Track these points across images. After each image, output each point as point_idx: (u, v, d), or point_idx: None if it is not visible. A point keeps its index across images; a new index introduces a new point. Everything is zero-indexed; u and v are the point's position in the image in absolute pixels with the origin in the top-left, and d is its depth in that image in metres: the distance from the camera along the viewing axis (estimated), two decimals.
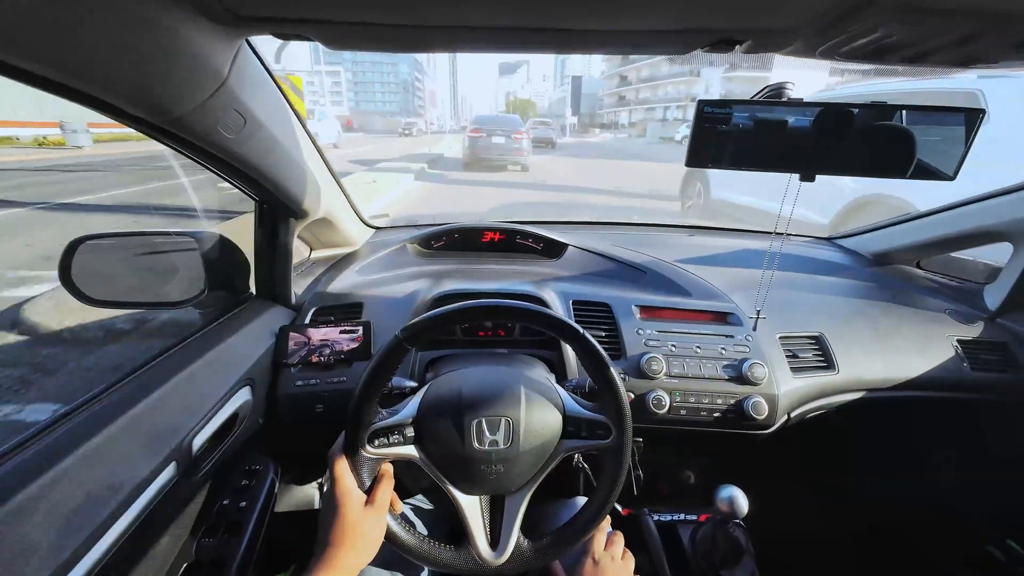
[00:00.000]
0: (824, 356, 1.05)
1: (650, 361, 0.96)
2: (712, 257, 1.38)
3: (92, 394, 0.64)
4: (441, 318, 0.62)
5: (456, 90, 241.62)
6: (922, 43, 0.45)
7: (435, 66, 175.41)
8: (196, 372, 0.75)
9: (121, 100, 0.51)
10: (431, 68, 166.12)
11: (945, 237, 1.27)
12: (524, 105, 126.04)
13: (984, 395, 1.07)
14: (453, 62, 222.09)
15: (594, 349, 0.64)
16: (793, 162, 0.75)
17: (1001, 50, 0.48)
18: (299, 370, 0.95)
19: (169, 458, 0.63)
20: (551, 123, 23.53)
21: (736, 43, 0.45)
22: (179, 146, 0.64)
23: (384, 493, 0.62)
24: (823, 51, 0.46)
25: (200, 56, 0.53)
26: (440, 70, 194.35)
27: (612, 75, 77.04)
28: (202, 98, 0.56)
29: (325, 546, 0.56)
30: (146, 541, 0.65)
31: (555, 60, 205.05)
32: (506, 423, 0.64)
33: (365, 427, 0.62)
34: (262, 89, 0.71)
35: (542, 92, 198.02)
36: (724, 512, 0.84)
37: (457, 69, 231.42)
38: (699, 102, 0.70)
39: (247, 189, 0.85)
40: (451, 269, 1.28)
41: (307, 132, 0.92)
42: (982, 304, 1.20)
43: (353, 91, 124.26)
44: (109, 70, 0.47)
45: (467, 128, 12.01)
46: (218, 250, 0.95)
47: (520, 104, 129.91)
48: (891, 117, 0.71)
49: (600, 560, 0.68)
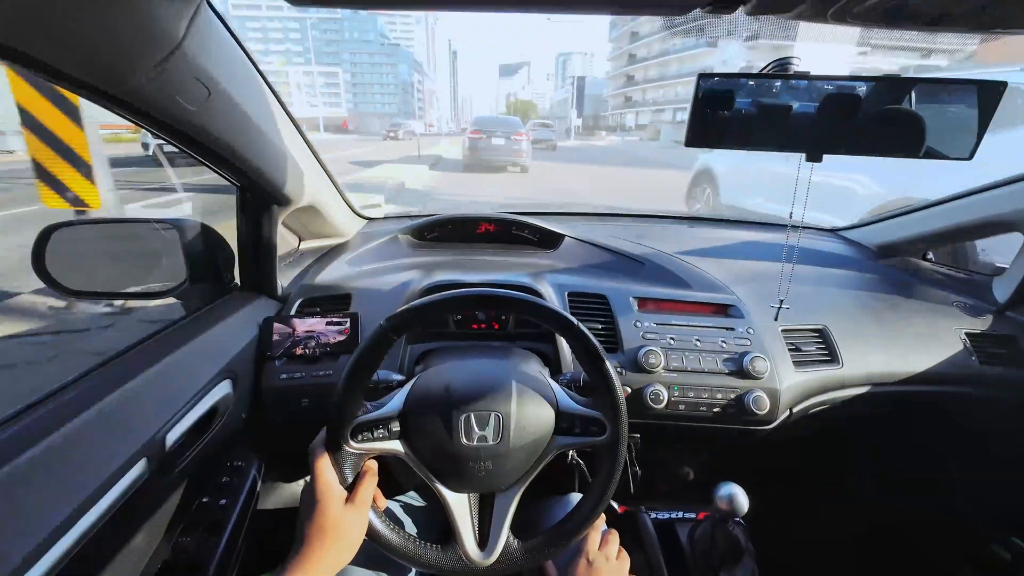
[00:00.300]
0: (828, 349, 1.02)
1: (648, 354, 0.93)
2: (713, 249, 1.35)
3: (58, 386, 0.61)
4: (429, 307, 0.59)
5: (456, 91, 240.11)
6: (943, 3, 0.42)
7: (435, 67, 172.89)
8: (172, 364, 0.72)
9: (69, 65, 0.48)
10: (431, 69, 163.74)
11: (952, 228, 1.23)
12: (525, 106, 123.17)
13: (992, 390, 1.04)
14: (454, 62, 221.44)
15: (588, 341, 0.61)
16: (799, 142, 0.71)
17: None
18: (283, 363, 0.92)
19: (140, 454, 0.60)
20: (552, 124, 23.43)
21: (739, 2, 0.42)
22: (141, 120, 0.60)
23: (366, 490, 0.59)
24: (834, 13, 0.43)
25: (150, 14, 0.49)
26: (440, 71, 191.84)
27: (617, 75, 74.39)
28: (154, 61, 0.52)
29: (302, 544, 0.54)
30: (115, 540, 0.62)
31: (557, 61, 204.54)
32: (496, 418, 0.61)
33: (348, 421, 0.59)
34: (228, 57, 0.67)
35: (543, 93, 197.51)
36: (723, 510, 0.82)
37: (457, 70, 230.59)
38: (699, 77, 0.66)
39: (225, 173, 0.81)
40: (444, 260, 1.25)
41: (288, 114, 0.88)
42: (991, 297, 1.17)
43: (352, 92, 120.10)
44: (51, 28, 0.43)
45: (467, 129, 12.36)
46: (200, 239, 0.92)
47: (521, 105, 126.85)
48: (903, 93, 0.67)
49: (594, 560, 0.66)
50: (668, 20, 4.44)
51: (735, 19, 0.47)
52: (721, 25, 6.93)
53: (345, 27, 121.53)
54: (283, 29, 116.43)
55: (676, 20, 1.31)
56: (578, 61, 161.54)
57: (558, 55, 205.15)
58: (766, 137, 0.72)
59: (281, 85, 10.81)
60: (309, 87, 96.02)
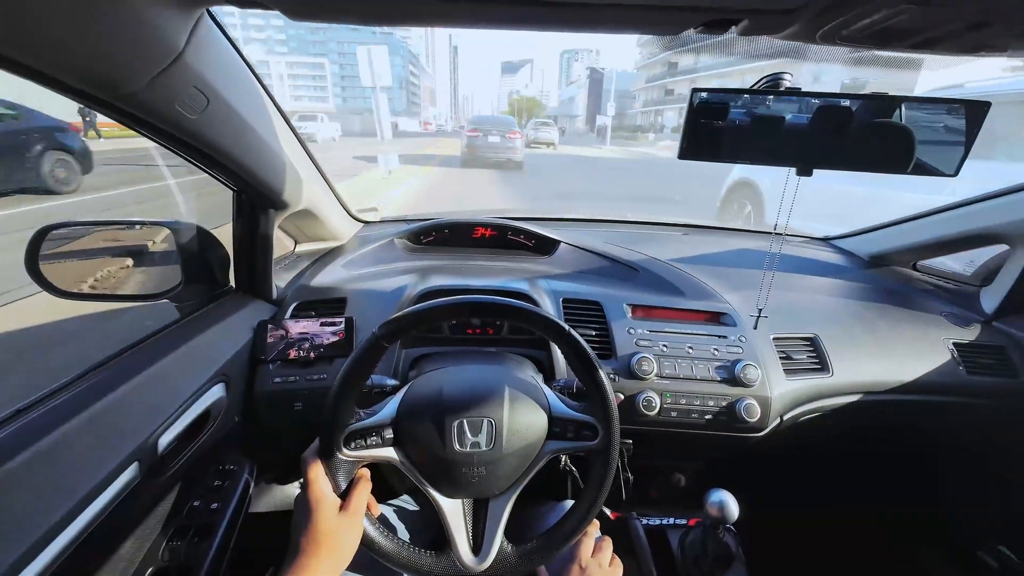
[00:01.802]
0: (818, 358, 1.03)
1: (641, 361, 0.94)
2: (707, 256, 1.36)
3: (50, 390, 0.61)
4: (422, 315, 0.60)
5: (457, 89, 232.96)
6: (929, 28, 0.43)
7: (434, 64, 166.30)
8: (165, 368, 0.72)
9: (64, 72, 0.48)
10: (430, 65, 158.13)
11: (942, 239, 1.25)
12: (530, 104, 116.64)
13: (980, 400, 1.06)
14: (454, 58, 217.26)
15: (581, 348, 0.62)
16: (789, 156, 0.72)
17: (1011, 38, 0.46)
18: (278, 367, 0.92)
19: (132, 458, 0.60)
20: (552, 123, 23.14)
21: (731, 23, 0.43)
22: (136, 125, 0.60)
23: (360, 498, 0.59)
24: (824, 34, 0.44)
25: (151, 25, 0.50)
26: (440, 68, 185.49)
27: (651, 64, 59.27)
28: (154, 72, 0.52)
29: (296, 554, 0.54)
30: (106, 544, 0.62)
31: (561, 58, 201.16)
32: (488, 424, 0.61)
33: (341, 428, 0.59)
34: (227, 67, 0.67)
35: (547, 91, 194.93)
36: (714, 517, 0.82)
37: (458, 66, 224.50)
38: (692, 91, 0.68)
39: (222, 177, 0.81)
40: (440, 265, 1.26)
41: (286, 120, 0.88)
42: (979, 307, 1.19)
43: (340, 85, 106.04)
44: (48, 38, 0.44)
45: (464, 128, 13.25)
46: (196, 241, 0.92)
47: (525, 103, 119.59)
48: (892, 110, 0.69)
49: (587, 566, 0.66)
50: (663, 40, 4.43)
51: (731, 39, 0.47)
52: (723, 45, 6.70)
53: None
54: (264, 15, 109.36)
55: (671, 41, 1.31)
56: (585, 59, 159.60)
57: (563, 52, 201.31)
58: (758, 151, 0.74)
59: (263, 78, 10.60)
60: (292, 79, 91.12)
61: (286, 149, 0.88)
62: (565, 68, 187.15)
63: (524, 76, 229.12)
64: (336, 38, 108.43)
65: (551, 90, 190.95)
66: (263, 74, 0.78)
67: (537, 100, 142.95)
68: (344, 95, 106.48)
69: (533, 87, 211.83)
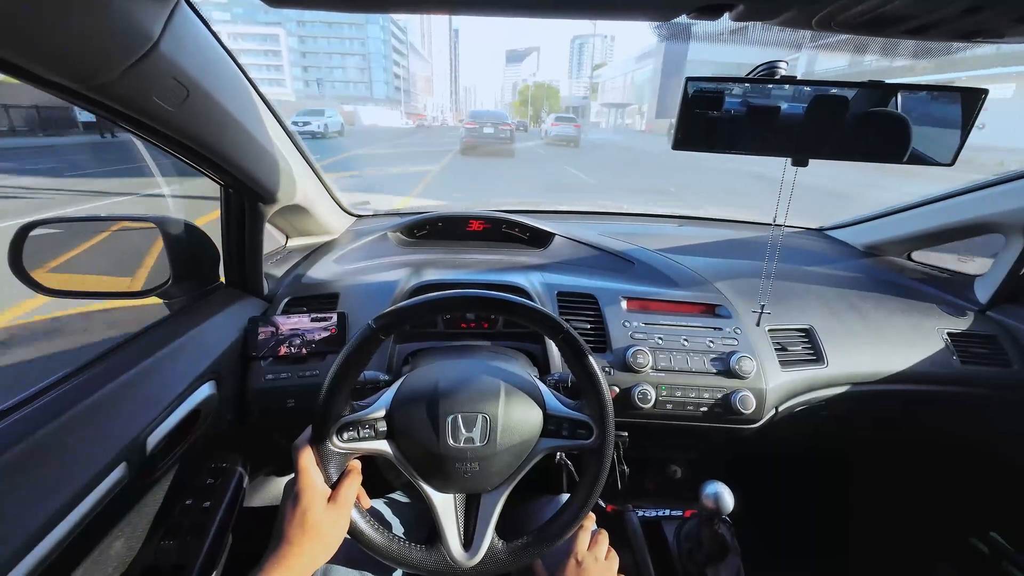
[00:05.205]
0: (814, 349, 1.03)
1: (636, 354, 0.94)
2: (702, 247, 1.35)
3: (36, 389, 0.60)
4: (417, 308, 0.59)
5: (457, 79, 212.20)
6: (924, 13, 0.42)
7: (431, 47, 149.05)
8: (154, 366, 0.71)
9: (37, 64, 0.46)
10: (425, 48, 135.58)
11: (936, 229, 1.25)
12: (543, 94, 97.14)
13: (973, 389, 1.06)
14: (455, 44, 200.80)
15: (576, 344, 0.61)
16: (785, 146, 0.71)
17: (1004, 23, 0.45)
18: (269, 364, 0.91)
19: (119, 458, 0.59)
20: (573, 118, 22.42)
21: (725, 8, 0.42)
22: (115, 118, 0.59)
23: (349, 490, 0.59)
24: (819, 20, 0.43)
25: (123, 12, 0.48)
26: (438, 54, 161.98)
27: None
28: (127, 62, 0.51)
29: (280, 542, 0.54)
30: (95, 545, 0.61)
31: (572, 44, 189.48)
32: (483, 420, 0.61)
33: (334, 419, 0.59)
34: (208, 58, 0.65)
35: (556, 80, 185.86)
36: (710, 508, 0.82)
37: (459, 53, 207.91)
38: (687, 80, 0.66)
39: (207, 171, 0.80)
40: (433, 258, 1.25)
41: (272, 111, 0.86)
42: (972, 296, 1.19)
43: (301, 66, 79.65)
44: (17, 27, 0.42)
45: (463, 121, 15.77)
46: (184, 236, 0.90)
47: (537, 94, 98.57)
48: (888, 99, 0.68)
49: (583, 560, 0.66)
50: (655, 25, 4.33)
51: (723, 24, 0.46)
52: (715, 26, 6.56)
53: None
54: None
55: (662, 27, 1.28)
56: (598, 45, 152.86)
57: (573, 38, 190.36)
58: (753, 141, 0.72)
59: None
60: (239, 55, 59.99)
61: (273, 141, 0.86)
62: (576, 54, 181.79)
63: (530, 65, 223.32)
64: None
65: (560, 79, 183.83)
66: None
67: (554, 88, 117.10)
68: (305, 77, 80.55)
69: (540, 75, 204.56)
